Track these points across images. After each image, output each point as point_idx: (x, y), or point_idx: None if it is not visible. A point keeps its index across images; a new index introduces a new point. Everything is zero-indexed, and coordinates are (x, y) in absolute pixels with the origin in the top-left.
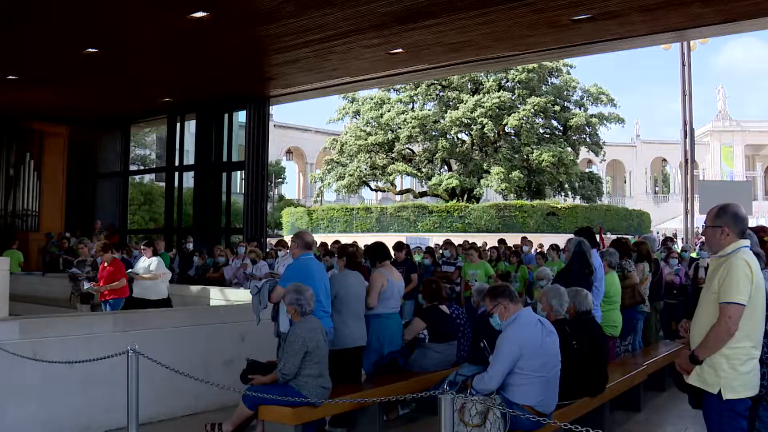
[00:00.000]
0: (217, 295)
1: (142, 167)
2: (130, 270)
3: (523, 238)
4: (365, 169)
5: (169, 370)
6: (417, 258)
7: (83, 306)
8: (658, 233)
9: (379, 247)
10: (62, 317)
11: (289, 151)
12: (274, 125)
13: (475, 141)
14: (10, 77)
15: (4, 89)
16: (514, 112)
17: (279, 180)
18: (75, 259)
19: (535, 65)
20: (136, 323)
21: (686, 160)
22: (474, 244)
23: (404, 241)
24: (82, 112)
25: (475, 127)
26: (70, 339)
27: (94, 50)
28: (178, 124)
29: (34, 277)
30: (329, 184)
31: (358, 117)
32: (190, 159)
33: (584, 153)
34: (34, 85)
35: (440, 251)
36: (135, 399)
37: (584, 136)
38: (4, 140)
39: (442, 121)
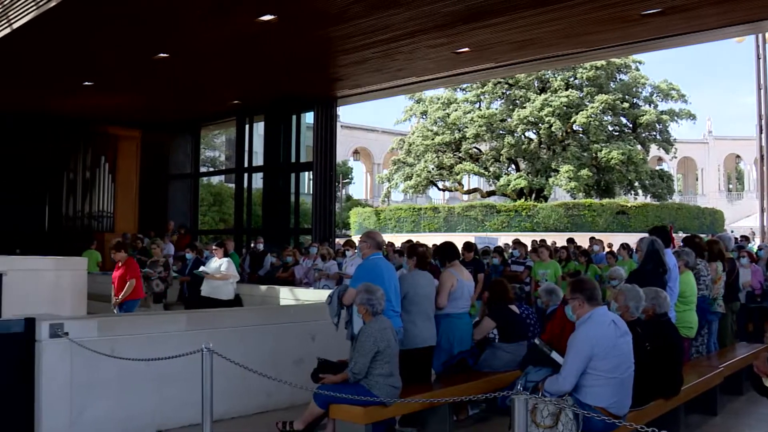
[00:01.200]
0: (287, 295)
1: (211, 169)
2: (201, 269)
3: (592, 238)
4: (432, 168)
5: (240, 368)
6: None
7: (156, 305)
8: (732, 232)
9: (449, 246)
10: (138, 316)
11: (356, 152)
12: (341, 126)
13: (542, 139)
14: (86, 83)
15: (80, 95)
16: (582, 110)
17: (346, 180)
18: (148, 260)
19: (603, 62)
20: (209, 322)
21: (762, 156)
22: (544, 241)
23: (472, 241)
24: (154, 115)
25: (542, 126)
26: (146, 337)
27: (165, 55)
28: (247, 126)
29: (109, 277)
30: (396, 184)
31: (425, 117)
32: (258, 160)
33: (654, 150)
34: (108, 90)
35: (509, 251)
36: (209, 396)
37: (654, 133)
38: (81, 144)
39: (509, 119)
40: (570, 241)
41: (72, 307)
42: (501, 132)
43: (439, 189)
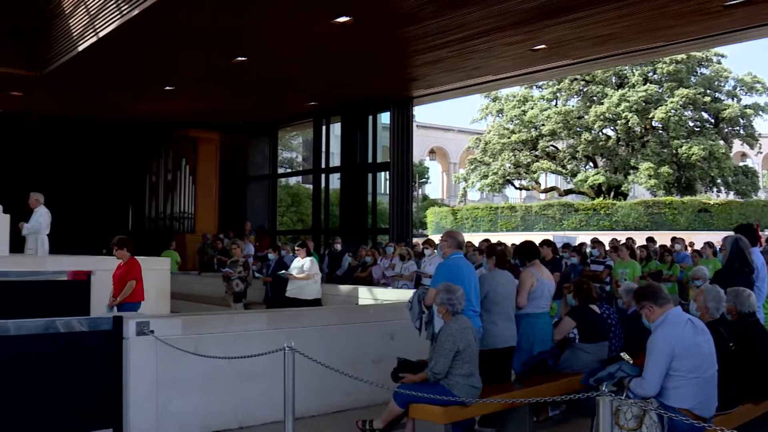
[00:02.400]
0: (365, 295)
1: (289, 170)
2: (284, 272)
3: (674, 238)
4: (509, 167)
5: (321, 367)
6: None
7: (236, 304)
8: None
9: (529, 245)
10: (220, 314)
11: (432, 151)
12: (417, 126)
13: (620, 136)
14: (168, 88)
15: (162, 99)
16: (662, 105)
17: (423, 180)
18: (228, 260)
19: (683, 56)
20: (289, 321)
21: None
22: (629, 239)
23: (552, 240)
24: (233, 118)
25: (620, 122)
26: (228, 335)
27: (243, 58)
28: (324, 127)
29: (190, 277)
30: (473, 183)
31: (501, 115)
32: (335, 161)
33: (738, 146)
34: (188, 94)
35: (588, 250)
36: (291, 394)
37: (738, 127)
38: (162, 147)
39: (586, 116)
40: (650, 240)
41: (156, 305)
42: (578, 129)
43: (515, 188)
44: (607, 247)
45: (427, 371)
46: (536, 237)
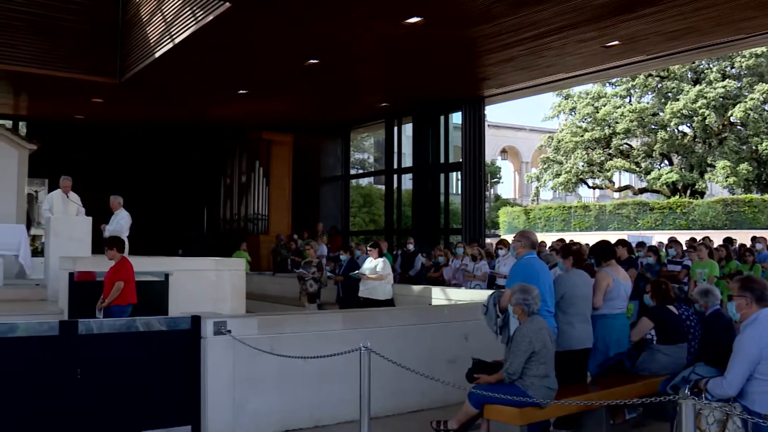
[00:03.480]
0: (438, 295)
1: (361, 171)
2: (357, 272)
3: (754, 237)
4: (582, 166)
5: (395, 367)
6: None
7: (311, 305)
8: None
9: (605, 245)
10: (296, 315)
11: (504, 151)
12: (488, 125)
13: (697, 133)
14: (241, 91)
15: (236, 103)
16: (741, 101)
17: (495, 180)
18: (302, 260)
19: (764, 49)
20: (364, 322)
21: None
22: (705, 238)
23: (627, 239)
24: (305, 120)
25: (696, 119)
26: (304, 335)
27: (315, 61)
28: (396, 128)
29: (264, 277)
30: (545, 182)
31: (573, 113)
32: (407, 161)
33: None
34: (262, 97)
35: (665, 250)
36: (367, 394)
37: None
38: (236, 150)
39: (661, 113)
40: (728, 239)
41: (232, 305)
42: (653, 126)
43: (588, 187)
44: (685, 247)
45: (502, 372)
46: (610, 236)
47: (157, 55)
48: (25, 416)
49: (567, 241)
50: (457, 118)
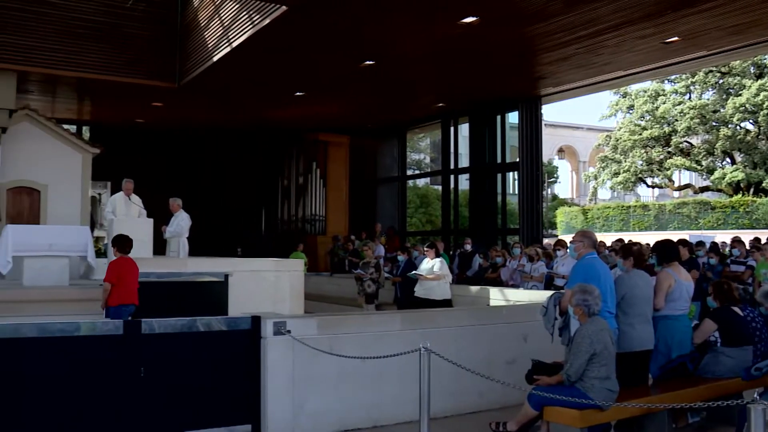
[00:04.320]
0: (496, 296)
1: (417, 171)
2: (414, 272)
3: None
4: (641, 164)
5: (455, 367)
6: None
7: (368, 305)
8: None
9: (667, 245)
10: (354, 315)
11: (560, 150)
12: (545, 124)
13: (761, 129)
14: (298, 94)
15: (293, 105)
16: None
17: (552, 180)
18: (360, 261)
19: None
20: (423, 322)
21: None
22: None
23: (688, 239)
24: (362, 121)
25: (761, 114)
26: (363, 336)
27: (371, 62)
28: (452, 128)
29: (322, 278)
30: (603, 181)
31: (631, 111)
32: (464, 162)
33: None
34: (318, 99)
35: (728, 250)
36: (426, 394)
37: None
38: (294, 152)
39: (722, 109)
40: None
41: (290, 306)
42: (714, 123)
43: (648, 186)
44: (748, 247)
45: (562, 374)
46: (670, 236)
47: (215, 59)
48: (90, 414)
49: (626, 242)
50: (513, 117)
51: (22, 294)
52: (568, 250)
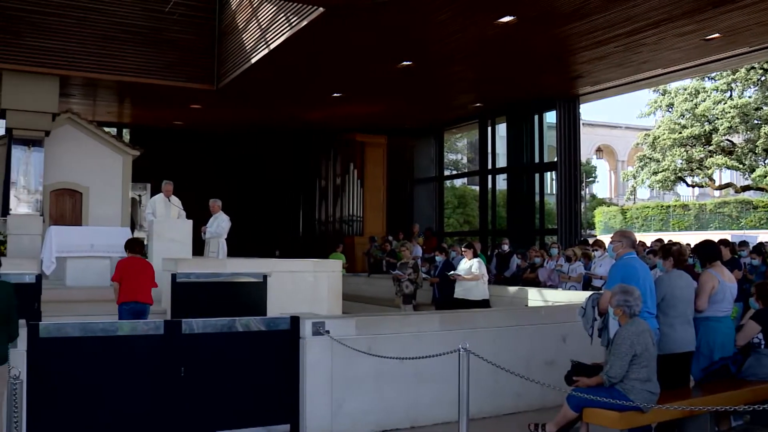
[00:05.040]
0: (534, 296)
1: (454, 171)
2: (452, 272)
3: None
4: (680, 163)
5: (493, 368)
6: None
7: (406, 306)
8: None
9: (709, 245)
10: (392, 316)
11: (599, 149)
12: (583, 123)
13: None
14: (335, 94)
15: (330, 106)
16: None
17: (590, 179)
18: (397, 262)
19: None
20: (461, 323)
21: None
22: None
23: (730, 239)
24: (399, 121)
25: None
26: (401, 336)
27: (408, 63)
28: (489, 128)
29: (359, 278)
30: (642, 181)
31: (671, 110)
32: (501, 162)
33: None
34: (356, 100)
35: None
36: (466, 395)
37: None
38: (331, 152)
39: (765, 107)
40: None
41: (328, 306)
42: (756, 121)
43: (687, 185)
44: None
45: (602, 375)
46: (711, 236)
47: (252, 61)
48: (131, 412)
49: (665, 242)
50: (551, 117)
51: (66, 294)
52: (605, 251)
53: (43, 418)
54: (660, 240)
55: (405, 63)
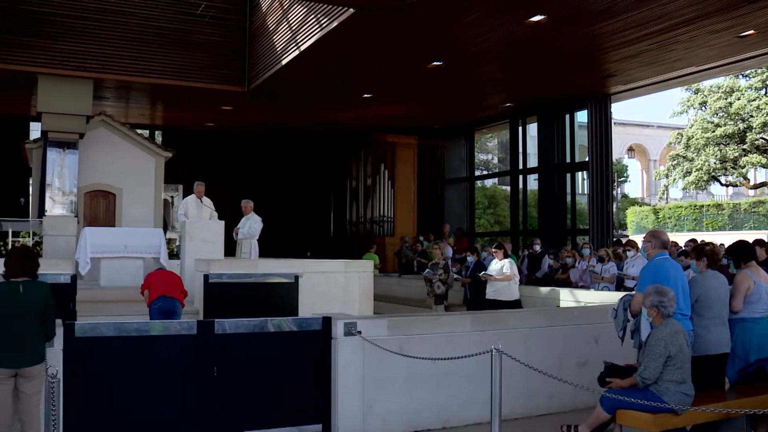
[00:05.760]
0: (566, 297)
1: (485, 172)
2: (483, 273)
3: None
4: (714, 162)
5: (525, 369)
6: None
7: (437, 306)
8: None
9: (744, 245)
10: (424, 316)
11: (630, 149)
12: (614, 123)
13: None
14: (366, 95)
15: (360, 107)
16: None
17: (622, 179)
18: (429, 262)
19: None
20: (493, 323)
21: None
22: None
23: (765, 239)
24: (429, 122)
25: None
26: (433, 337)
27: (438, 63)
28: (520, 128)
29: (391, 279)
30: (675, 180)
31: (704, 108)
32: (532, 162)
33: None
34: (386, 100)
35: None
36: (498, 396)
37: None
38: (362, 153)
39: None
40: None
41: (360, 307)
42: None
43: (721, 184)
44: None
45: (636, 376)
46: (746, 236)
47: (283, 62)
48: (164, 411)
49: (699, 242)
50: (582, 116)
51: (100, 294)
52: (638, 251)
53: (79, 416)
54: (693, 240)
55: (435, 63)
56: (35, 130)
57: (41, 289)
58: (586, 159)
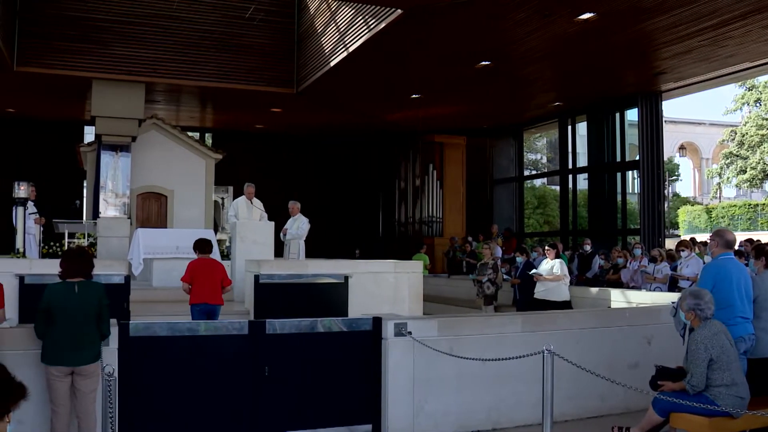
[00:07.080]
0: (617, 297)
1: (534, 171)
2: (533, 271)
3: None
4: None
5: (576, 370)
6: None
7: (487, 307)
8: None
9: None
10: (474, 317)
11: (682, 147)
12: (665, 121)
13: None
14: (414, 96)
15: (409, 107)
16: None
17: (673, 178)
18: (478, 262)
19: None
20: (544, 324)
21: None
22: None
23: None
24: (478, 122)
25: None
26: (483, 338)
27: (487, 63)
28: (569, 127)
29: (440, 279)
30: (728, 179)
31: (758, 105)
32: (582, 161)
33: None
34: (435, 100)
35: None
36: (550, 397)
37: None
38: (410, 154)
39: None
40: None
41: (409, 307)
42: None
43: None
44: None
45: (685, 383)
46: None
47: (331, 64)
48: (216, 411)
49: (755, 241)
50: (632, 114)
51: (152, 294)
52: (691, 251)
53: (134, 414)
54: (750, 240)
55: (483, 63)
56: (89, 134)
57: (96, 290)
58: (637, 158)
